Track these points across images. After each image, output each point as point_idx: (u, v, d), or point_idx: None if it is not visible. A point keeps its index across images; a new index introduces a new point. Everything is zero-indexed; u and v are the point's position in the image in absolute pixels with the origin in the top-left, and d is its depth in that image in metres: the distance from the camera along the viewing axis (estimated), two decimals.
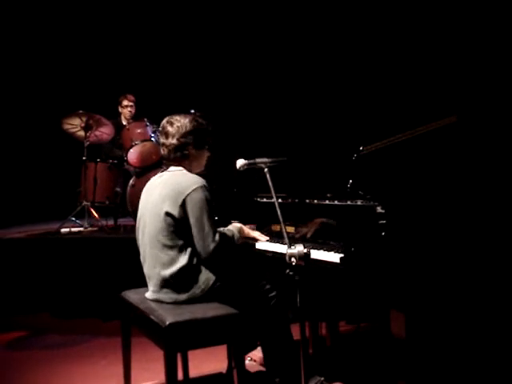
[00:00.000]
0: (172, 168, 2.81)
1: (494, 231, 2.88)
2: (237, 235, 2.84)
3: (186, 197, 2.61)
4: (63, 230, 5.25)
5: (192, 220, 2.62)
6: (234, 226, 2.89)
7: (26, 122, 7.17)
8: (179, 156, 2.77)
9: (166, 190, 2.67)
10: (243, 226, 2.95)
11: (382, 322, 2.75)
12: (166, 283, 2.65)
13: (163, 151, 2.80)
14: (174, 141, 2.75)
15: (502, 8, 3.94)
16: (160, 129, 2.84)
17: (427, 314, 2.77)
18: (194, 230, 2.62)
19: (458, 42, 4.22)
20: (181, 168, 2.79)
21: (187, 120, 2.78)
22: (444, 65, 4.25)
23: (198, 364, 3.31)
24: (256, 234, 3.01)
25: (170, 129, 2.77)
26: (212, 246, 2.61)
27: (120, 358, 2.95)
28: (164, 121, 2.82)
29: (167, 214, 2.62)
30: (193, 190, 2.62)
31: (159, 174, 2.83)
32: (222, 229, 2.80)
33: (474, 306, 2.91)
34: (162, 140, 2.79)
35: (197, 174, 2.80)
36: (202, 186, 2.64)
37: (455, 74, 4.06)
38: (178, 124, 2.76)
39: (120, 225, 5.68)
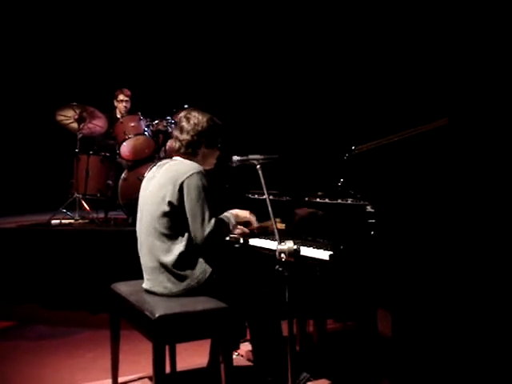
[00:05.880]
0: (173, 158, 2.83)
1: (482, 232, 2.90)
2: (232, 222, 2.85)
3: (183, 181, 2.63)
4: (54, 221, 5.24)
5: (188, 204, 2.63)
6: (230, 213, 2.89)
7: (19, 113, 7.15)
8: (190, 152, 2.80)
9: (164, 179, 2.69)
10: (238, 211, 2.95)
11: (368, 321, 2.77)
12: (164, 271, 2.65)
13: (174, 144, 2.82)
14: (188, 137, 2.78)
15: (493, 12, 3.97)
16: (176, 121, 2.88)
17: (414, 314, 2.80)
18: (190, 215, 2.63)
19: (450, 46, 4.25)
20: (179, 158, 2.81)
21: (205, 119, 2.81)
22: (437, 68, 4.28)
23: (185, 358, 3.33)
24: (253, 219, 2.99)
25: (185, 124, 2.79)
26: (207, 230, 2.61)
27: (108, 350, 2.97)
28: (182, 114, 2.85)
29: (166, 202, 2.63)
30: (190, 175, 2.64)
31: (158, 164, 2.85)
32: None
33: (461, 306, 2.95)
34: (176, 133, 2.82)
35: None
36: (199, 172, 2.66)
37: (448, 77, 4.09)
38: (194, 121, 2.79)
39: (110, 218, 5.67)
